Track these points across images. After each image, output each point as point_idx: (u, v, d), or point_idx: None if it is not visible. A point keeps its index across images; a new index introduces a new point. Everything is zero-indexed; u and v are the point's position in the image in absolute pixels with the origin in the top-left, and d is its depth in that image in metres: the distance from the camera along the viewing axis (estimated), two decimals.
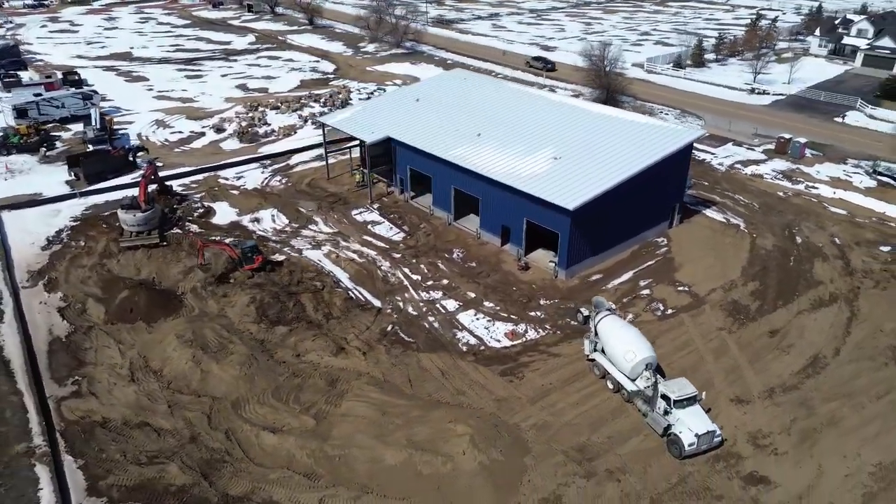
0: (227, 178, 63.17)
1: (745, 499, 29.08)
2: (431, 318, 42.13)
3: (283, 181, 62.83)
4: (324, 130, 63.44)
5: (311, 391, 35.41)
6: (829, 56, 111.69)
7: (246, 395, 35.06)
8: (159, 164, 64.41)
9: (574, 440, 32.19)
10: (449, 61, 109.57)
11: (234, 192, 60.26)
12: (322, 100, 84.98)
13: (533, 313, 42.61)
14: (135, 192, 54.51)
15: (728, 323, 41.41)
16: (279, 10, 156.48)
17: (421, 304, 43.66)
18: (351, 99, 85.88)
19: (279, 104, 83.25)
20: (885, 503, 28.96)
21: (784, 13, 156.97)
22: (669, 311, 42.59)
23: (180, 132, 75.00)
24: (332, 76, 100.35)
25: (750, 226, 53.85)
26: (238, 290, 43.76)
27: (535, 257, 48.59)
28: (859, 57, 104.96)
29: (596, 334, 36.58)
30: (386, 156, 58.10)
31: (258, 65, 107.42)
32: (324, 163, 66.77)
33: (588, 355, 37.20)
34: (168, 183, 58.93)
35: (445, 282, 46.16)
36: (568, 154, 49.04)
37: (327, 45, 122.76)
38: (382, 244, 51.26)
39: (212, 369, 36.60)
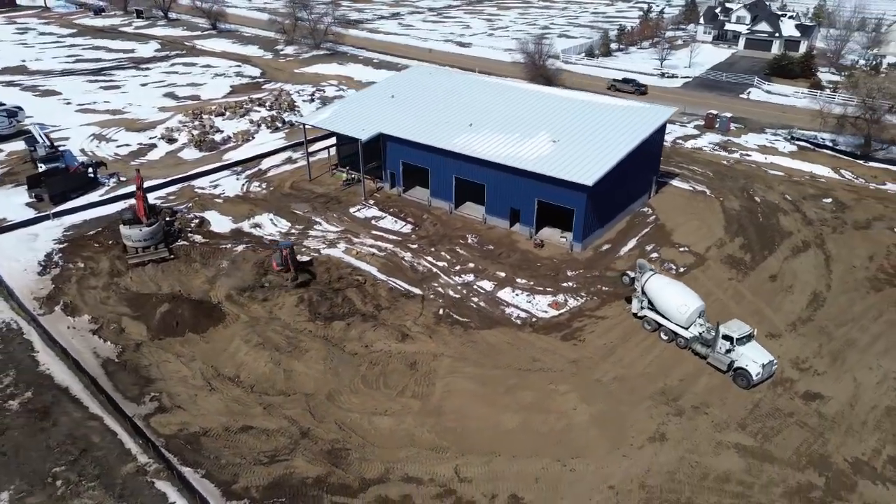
0: (202, 188, 61.27)
1: (810, 412, 34.05)
2: (476, 299, 44.27)
3: (264, 186, 61.93)
4: (304, 132, 63.17)
5: (395, 376, 36.58)
6: (715, 41, 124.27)
7: (337, 387, 35.62)
8: (123, 178, 61.50)
9: (653, 386, 35.84)
10: (375, 60, 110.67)
11: (218, 200, 58.74)
12: (268, 103, 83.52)
13: (565, 284, 45.94)
14: (117, 206, 51.98)
15: (733, 274, 46.95)
16: (172, 15, 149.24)
17: (459, 287, 45.65)
18: (296, 102, 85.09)
19: (224, 110, 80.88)
20: None
21: (670, 3, 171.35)
22: (682, 269, 47.49)
23: (127, 145, 71.18)
24: (262, 80, 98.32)
25: (714, 191, 60.41)
26: (280, 293, 43.57)
27: (544, 235, 51.94)
28: (741, 41, 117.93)
29: (643, 293, 40.50)
30: (370, 152, 58.94)
31: (176, 72, 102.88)
32: (297, 165, 66.76)
33: (637, 313, 41.06)
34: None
35: (472, 265, 48.37)
36: (563, 137, 52.72)
37: (241, 49, 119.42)
38: (394, 237, 52.47)
39: (295, 367, 36.74)
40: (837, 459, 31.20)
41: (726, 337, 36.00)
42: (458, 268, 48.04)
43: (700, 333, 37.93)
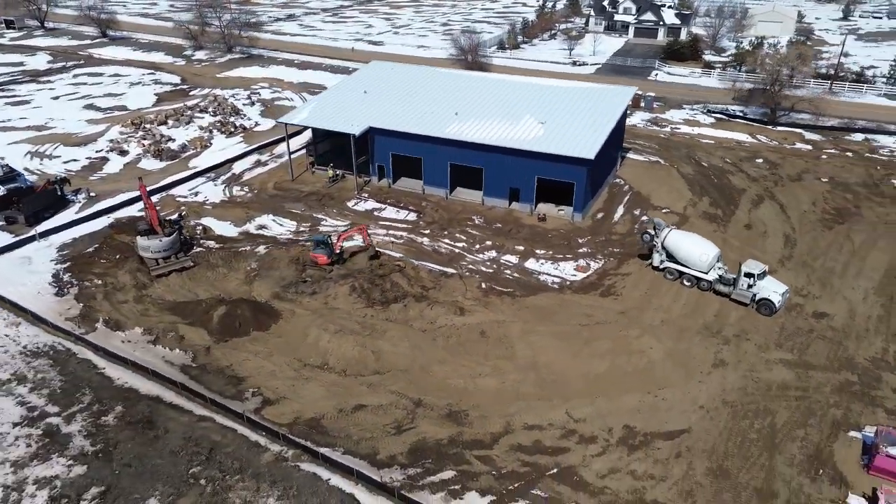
0: (183, 196, 59.60)
1: (824, 327, 40.82)
2: (508, 271, 47.62)
3: (246, 189, 61.32)
4: (286, 131, 63.07)
5: (471, 344, 39.18)
6: (606, 31, 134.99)
7: (425, 360, 37.65)
8: (93, 194, 58.49)
9: (695, 324, 41.14)
10: (297, 62, 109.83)
11: (207, 206, 57.58)
12: (211, 109, 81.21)
13: (580, 250, 50.44)
14: (99, 222, 50.02)
15: (715, 227, 53.71)
16: (49, 24, 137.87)
17: (487, 262, 48.76)
18: (240, 107, 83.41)
19: (165, 119, 77.73)
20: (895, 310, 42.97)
21: None
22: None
23: (75, 160, 66.95)
24: (187, 87, 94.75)
25: (666, 160, 67.65)
26: (328, 284, 44.47)
27: (541, 210, 56.17)
28: (631, 30, 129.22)
29: (663, 248, 45.82)
30: (347, 147, 60.18)
31: (84, 83, 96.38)
32: (269, 167, 66.63)
33: (659, 266, 46.32)
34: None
35: (489, 243, 51.60)
36: (548, 118, 57.15)
37: (145, 56, 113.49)
38: (403, 225, 54.48)
39: (382, 348, 38.28)
40: (860, 359, 37.98)
41: (748, 274, 42.02)
42: (477, 246, 51.06)
43: (720, 276, 43.83)
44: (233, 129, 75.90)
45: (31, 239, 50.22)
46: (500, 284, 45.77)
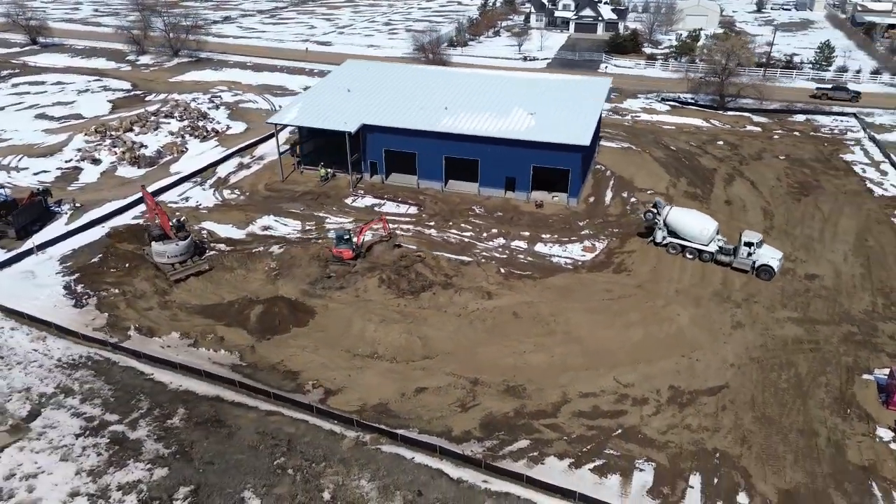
0: (174, 202, 58.45)
1: (818, 287, 45.03)
2: (520, 256, 49.69)
3: (237, 192, 60.75)
4: (276, 133, 62.74)
5: (508, 325, 40.94)
6: (547, 27, 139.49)
7: (469, 343, 39.15)
8: (78, 205, 56.57)
9: (706, 292, 44.47)
10: (250, 64, 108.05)
11: (203, 211, 56.78)
12: (177, 114, 79.20)
13: (582, 232, 53.13)
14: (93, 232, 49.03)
15: (698, 204, 57.51)
16: None
17: (499, 249, 50.67)
18: (205, 110, 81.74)
19: (131, 126, 75.31)
20: (875, 268, 47.72)
21: None
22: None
23: (45, 171, 64.19)
24: (141, 92, 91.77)
25: (637, 146, 71.56)
26: (356, 278, 45.18)
27: (536, 197, 58.54)
28: (572, 25, 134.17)
29: (665, 225, 49.05)
30: (333, 146, 60.71)
31: (28, 92, 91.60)
32: (253, 169, 66.16)
33: (661, 242, 49.52)
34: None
35: (495, 231, 53.50)
36: (536, 109, 59.56)
37: (86, 63, 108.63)
38: (407, 218, 55.58)
39: (427, 334, 39.50)
40: (855, 313, 42.30)
41: (748, 243, 45.77)
42: (484, 235, 52.85)
43: (720, 247, 47.46)
44: (206, 133, 74.45)
45: (28, 253, 48.17)
46: (518, 268, 47.74)
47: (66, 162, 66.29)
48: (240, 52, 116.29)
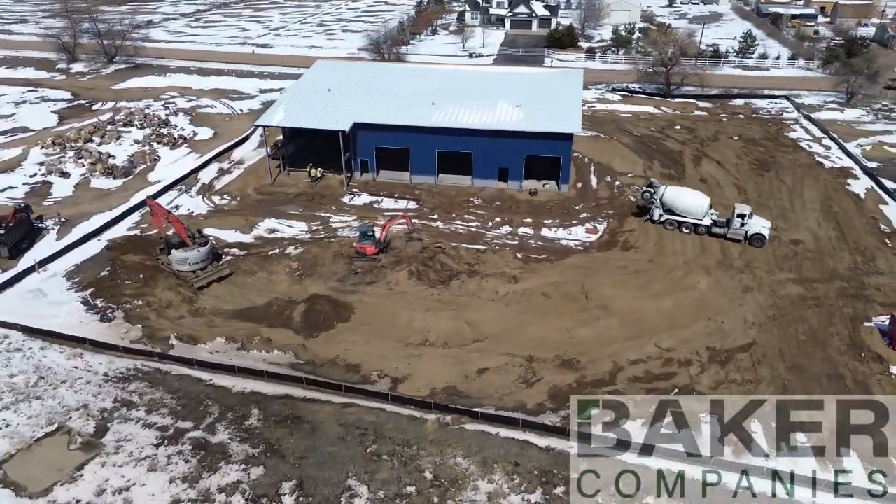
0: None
1: (803, 250, 49.64)
2: (531, 241, 51.83)
3: (228, 198, 59.69)
4: (264, 135, 61.87)
5: (542, 306, 43.00)
6: (482, 25, 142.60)
7: (512, 324, 40.87)
8: (63, 219, 54.05)
9: (710, 262, 48.14)
10: (193, 69, 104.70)
11: (200, 218, 55.51)
12: (136, 122, 76.13)
13: (581, 216, 55.91)
14: (90, 247, 47.29)
15: (676, 184, 61.49)
16: None
17: (508, 236, 52.60)
18: (164, 117, 79.03)
19: (90, 136, 71.89)
20: (846, 230, 53.01)
21: None
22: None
23: (12, 186, 60.51)
24: (85, 102, 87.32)
25: (604, 133, 75.38)
26: (385, 272, 45.87)
27: (527, 185, 60.87)
28: (508, 22, 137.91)
29: (661, 204, 52.52)
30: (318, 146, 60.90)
31: None
32: (234, 174, 65.08)
33: (658, 219, 52.93)
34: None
35: (498, 219, 55.36)
36: (521, 102, 61.79)
37: (11, 73, 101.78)
38: (410, 213, 56.49)
39: (471, 318, 40.89)
40: (841, 270, 47.14)
41: (741, 215, 49.86)
42: (490, 224, 54.61)
43: (714, 220, 51.40)
44: (174, 141, 72.16)
45: (29, 271, 45.70)
46: (532, 252, 49.85)
47: (32, 177, 62.68)
48: (178, 57, 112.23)
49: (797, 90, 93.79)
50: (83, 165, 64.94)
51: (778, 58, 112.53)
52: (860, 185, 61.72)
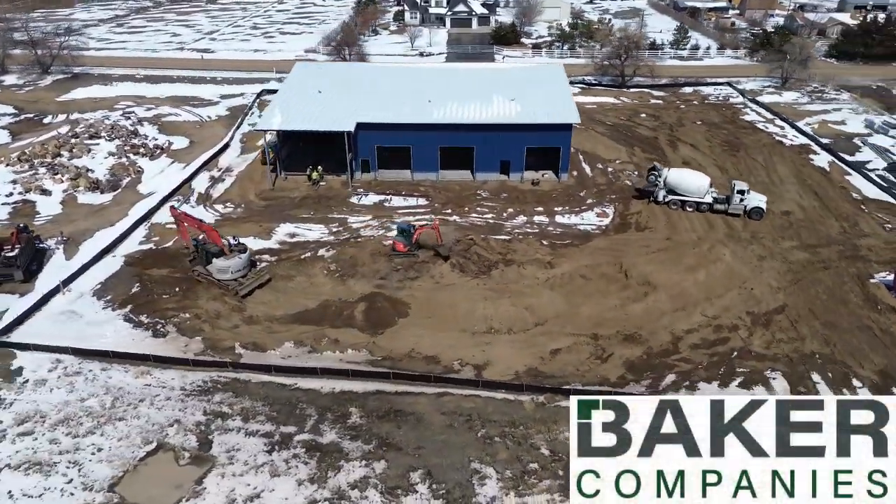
0: (169, 223, 54.69)
1: (796, 220, 54.29)
2: (550, 228, 53.89)
3: (230, 206, 58.30)
4: (265, 139, 60.58)
5: (583, 287, 45.00)
6: (422, 24, 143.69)
7: (566, 305, 42.71)
8: (66, 238, 51.31)
9: (720, 235, 51.84)
10: (139, 76, 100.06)
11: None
12: (103, 134, 72.34)
13: (588, 202, 58.56)
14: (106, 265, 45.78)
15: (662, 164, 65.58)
16: None
17: (527, 225, 54.43)
18: (129, 127, 75.54)
19: (58, 150, 67.81)
20: (826, 200, 58.27)
21: None
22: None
23: None
24: (33, 116, 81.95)
25: (580, 124, 78.47)
26: (429, 266, 46.57)
27: (528, 176, 62.93)
28: (448, 21, 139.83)
29: (664, 185, 55.91)
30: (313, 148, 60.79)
31: None
32: (229, 180, 63.74)
33: (663, 200, 56.27)
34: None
35: (511, 210, 57.04)
36: (514, 96, 63.76)
37: None
38: (423, 209, 57.27)
39: (529, 303, 42.41)
40: (834, 233, 52.08)
41: (741, 191, 53.98)
42: (504, 214, 56.23)
43: (714, 198, 55.31)
44: (151, 151, 69.28)
45: (54, 292, 43.19)
46: (555, 239, 51.91)
47: (9, 196, 58.65)
48: (118, 65, 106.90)
49: (737, 77, 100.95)
50: (62, 181, 61.41)
51: (708, 48, 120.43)
52: (821, 159, 67.83)
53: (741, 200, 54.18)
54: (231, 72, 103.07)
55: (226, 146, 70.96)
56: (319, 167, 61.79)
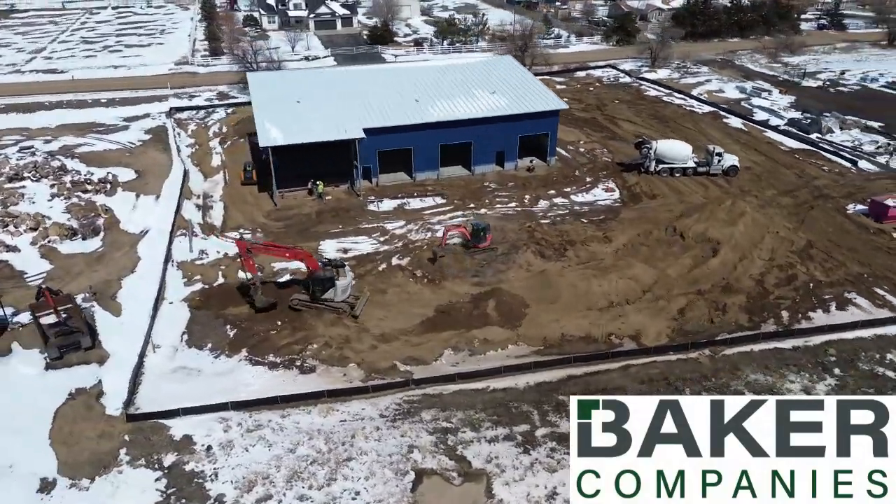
0: (199, 258, 49.42)
1: (761, 170, 63.56)
2: (576, 207, 57.42)
3: (243, 233, 53.78)
4: (270, 157, 56.02)
5: (654, 252, 49.07)
6: (281, 28, 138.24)
7: (653, 271, 46.43)
8: (94, 292, 44.45)
9: (716, 192, 59.17)
10: (2, 106, 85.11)
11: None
12: (27, 174, 61.59)
13: (587, 180, 63.01)
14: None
15: (621, 142, 72.14)
16: None
17: (553, 207, 57.42)
18: (61, 163, 65.05)
19: (32, 177, 56.96)
20: (767, 154, 68.48)
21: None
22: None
23: None
24: None
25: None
26: (510, 257, 47.65)
27: (521, 164, 65.79)
28: (312, 24, 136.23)
29: (654, 157, 62.16)
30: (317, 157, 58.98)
31: None
32: (219, 204, 58.91)
33: (654, 170, 62.46)
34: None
35: (527, 198, 59.39)
36: (493, 88, 65.91)
37: None
38: (446, 208, 57.42)
39: (627, 275, 45.34)
40: (794, 181, 61.94)
41: (718, 154, 61.98)
42: (525, 201, 58.68)
43: (696, 162, 62.77)
44: (102, 186, 60.59)
45: (142, 357, 37.41)
46: (592, 216, 55.49)
47: None
48: None
49: (611, 60, 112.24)
50: (20, 233, 51.88)
51: (569, 37, 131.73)
52: (734, 122, 79.24)
53: (719, 161, 62.21)
54: (110, 92, 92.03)
55: (186, 172, 64.36)
56: (320, 181, 59.08)
